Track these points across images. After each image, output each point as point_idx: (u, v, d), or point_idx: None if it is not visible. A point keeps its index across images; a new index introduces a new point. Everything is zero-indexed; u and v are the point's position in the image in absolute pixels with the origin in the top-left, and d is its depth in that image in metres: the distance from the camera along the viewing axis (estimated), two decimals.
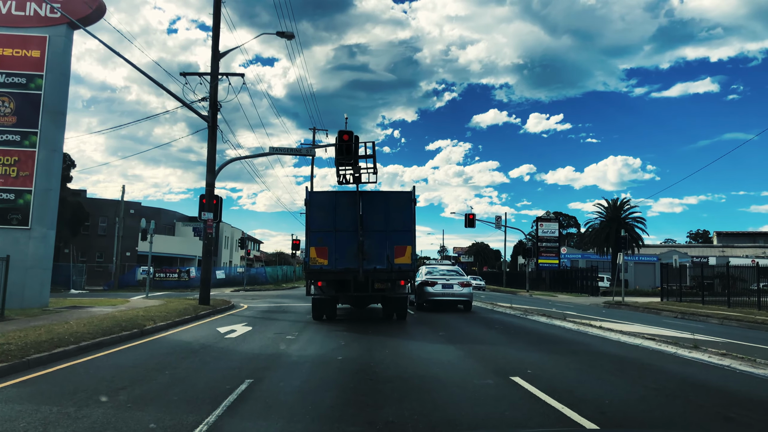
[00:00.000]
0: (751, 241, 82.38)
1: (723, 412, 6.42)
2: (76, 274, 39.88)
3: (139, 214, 46.20)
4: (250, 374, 8.06)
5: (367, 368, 8.88)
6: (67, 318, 14.21)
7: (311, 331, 14.09)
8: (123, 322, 13.25)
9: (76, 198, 44.79)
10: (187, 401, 6.50)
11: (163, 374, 8.14)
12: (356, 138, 16.33)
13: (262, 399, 6.67)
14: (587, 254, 69.58)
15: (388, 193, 17.27)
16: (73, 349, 9.81)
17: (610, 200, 58.77)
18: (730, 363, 9.88)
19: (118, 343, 11.26)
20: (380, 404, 6.49)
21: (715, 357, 10.49)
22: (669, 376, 8.77)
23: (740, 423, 6.10)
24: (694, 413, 6.46)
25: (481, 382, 7.92)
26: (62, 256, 44.98)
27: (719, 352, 10.86)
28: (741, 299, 27.42)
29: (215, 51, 21.33)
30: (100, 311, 16.47)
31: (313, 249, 15.92)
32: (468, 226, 47.82)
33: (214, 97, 21.18)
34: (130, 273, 45.70)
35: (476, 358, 10.11)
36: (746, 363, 9.84)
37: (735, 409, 6.55)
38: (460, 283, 21.92)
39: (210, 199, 20.85)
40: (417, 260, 18.87)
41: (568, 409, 6.23)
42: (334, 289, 16.48)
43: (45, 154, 18.72)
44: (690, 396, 7.23)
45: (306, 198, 16.57)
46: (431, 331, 14.58)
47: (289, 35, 22.48)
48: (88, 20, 19.16)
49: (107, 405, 6.26)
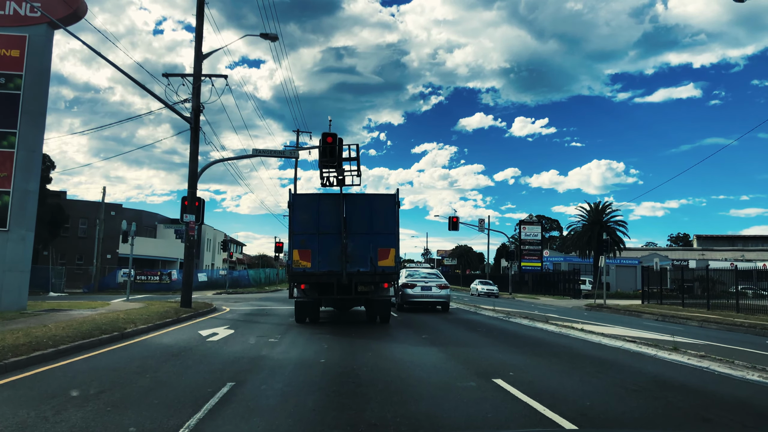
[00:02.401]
0: (730, 244, 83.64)
1: (702, 413, 6.50)
2: (55, 277, 39.34)
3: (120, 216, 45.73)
4: (231, 377, 8.00)
5: (350, 371, 8.86)
6: (45, 321, 14.00)
7: (294, 334, 14.04)
8: (103, 325, 13.09)
9: (56, 199, 44.21)
10: (168, 405, 6.44)
11: (143, 378, 8.06)
12: (340, 140, 16.29)
13: (243, 402, 6.63)
14: (569, 257, 70.16)
15: (372, 195, 17.26)
16: (52, 353, 9.68)
17: (593, 203, 59.34)
18: (709, 365, 10.01)
19: (98, 347, 11.13)
20: (363, 407, 6.48)
21: (694, 359, 10.62)
22: (649, 377, 8.86)
23: (718, 424, 6.18)
24: (673, 414, 6.53)
25: (463, 384, 7.94)
26: (41, 258, 44.36)
27: (698, 354, 11.00)
28: (720, 302, 27.80)
29: (198, 52, 21.21)
30: (80, 314, 16.25)
31: (296, 251, 15.86)
32: (452, 229, 47.91)
33: (197, 98, 21.05)
34: (111, 275, 45.18)
35: (459, 361, 10.13)
36: (725, 365, 9.98)
37: (713, 410, 6.64)
38: (438, 286, 22.99)
39: (192, 201, 20.70)
40: (400, 263, 18.91)
41: (549, 411, 6.27)
42: (317, 292, 16.42)
43: (23, 155, 18.45)
44: (669, 397, 7.31)
45: (289, 200, 16.51)
46: (414, 333, 14.60)
47: (273, 37, 22.42)
48: (68, 20, 18.93)
49: (86, 409, 6.18)
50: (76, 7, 19.11)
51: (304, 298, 16.37)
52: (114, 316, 15.12)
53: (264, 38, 22.44)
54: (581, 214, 59.54)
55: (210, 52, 21.68)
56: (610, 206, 58.77)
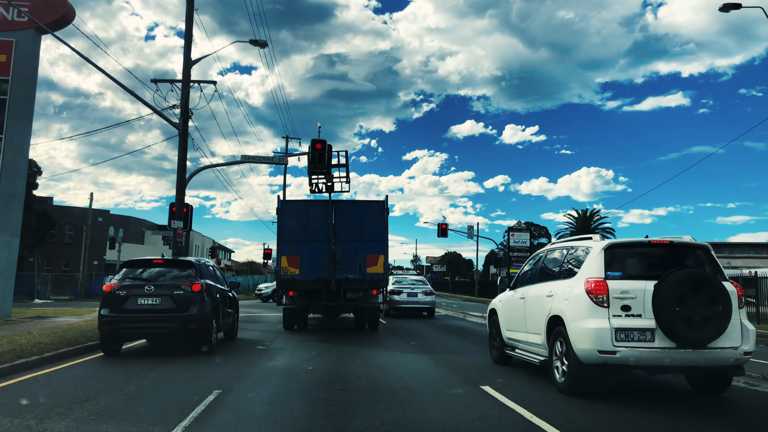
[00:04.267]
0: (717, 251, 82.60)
1: (687, 420, 6.52)
2: (40, 284, 38.90)
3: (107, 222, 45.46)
4: (218, 385, 7.94)
5: (338, 378, 8.83)
6: (30, 328, 13.85)
7: (282, 341, 13.97)
8: (89, 332, 12.95)
9: (42, 205, 43.86)
10: (154, 413, 6.38)
11: (128, 385, 7.98)
12: (329, 147, 16.29)
13: (230, 410, 6.58)
14: None
15: (361, 202, 17.29)
16: (36, 360, 9.57)
17: (581, 211, 59.75)
18: None
19: (83, 354, 11.02)
20: (350, 414, 6.45)
21: None
22: (636, 386, 8.88)
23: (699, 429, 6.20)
24: (662, 421, 6.54)
25: (451, 391, 7.93)
26: (26, 264, 43.92)
27: None
28: None
29: (187, 58, 21.12)
30: (65, 321, 16.09)
31: (284, 258, 15.81)
32: (441, 236, 47.99)
33: (186, 104, 20.96)
34: (98, 282, 44.72)
35: (447, 368, 10.12)
36: None
37: (699, 417, 6.66)
38: (424, 292, 23.81)
39: (180, 207, 20.57)
40: (389, 270, 18.91)
41: (537, 419, 6.26)
42: (306, 299, 16.36)
43: (10, 160, 18.29)
44: (655, 405, 7.33)
45: (278, 206, 16.46)
46: (403, 340, 14.58)
47: (262, 43, 22.40)
48: (56, 25, 18.83)
49: (70, 417, 6.10)
50: (63, 12, 19.02)
51: (292, 305, 16.31)
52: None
53: (253, 45, 22.41)
54: (569, 222, 60.02)
55: (199, 58, 21.62)
56: (597, 213, 59.31)
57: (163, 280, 11.33)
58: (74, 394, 7.26)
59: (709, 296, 7.02)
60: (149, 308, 10.95)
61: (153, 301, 11.01)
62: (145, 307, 10.95)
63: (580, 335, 7.24)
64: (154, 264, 11.87)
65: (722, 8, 19.82)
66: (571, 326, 7.41)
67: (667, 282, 7.01)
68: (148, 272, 11.59)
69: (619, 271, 7.44)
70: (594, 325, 7.12)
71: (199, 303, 11.14)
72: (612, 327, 7.03)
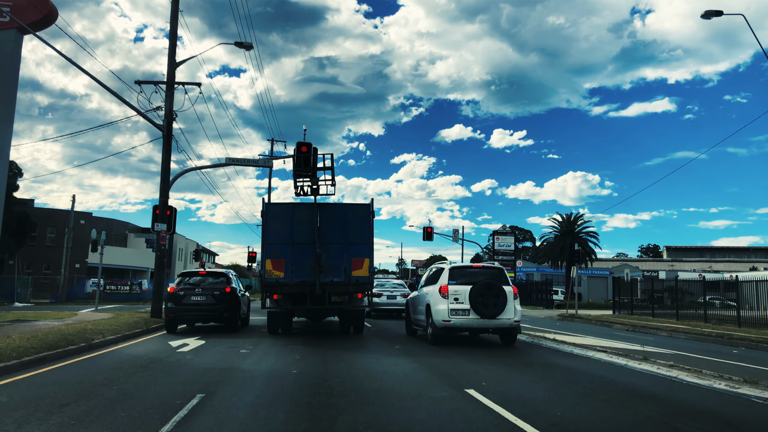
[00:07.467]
0: (699, 255, 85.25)
1: (671, 423, 6.57)
2: (21, 287, 38.37)
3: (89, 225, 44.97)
4: (201, 389, 7.87)
5: (322, 382, 8.79)
6: (8, 332, 13.63)
7: (266, 344, 13.89)
8: (69, 335, 12.78)
9: (23, 207, 43.22)
10: (135, 417, 6.31)
11: (110, 389, 7.88)
12: (315, 150, 16.23)
13: (213, 414, 6.52)
14: (542, 268, 70.81)
15: (347, 205, 17.20)
16: (15, 365, 9.43)
17: (565, 215, 60.04)
18: (677, 374, 10.15)
19: (63, 358, 10.88)
20: (334, 418, 6.42)
21: (663, 368, 10.76)
22: (619, 387, 8.95)
23: None
24: (643, 424, 6.59)
25: (435, 394, 7.93)
26: (6, 267, 43.35)
27: (668, 364, 11.14)
28: (689, 312, 28.24)
29: (172, 59, 21.02)
30: (46, 325, 15.86)
31: (269, 261, 15.72)
32: (426, 239, 47.97)
33: (170, 106, 20.84)
34: (80, 285, 44.27)
35: (431, 371, 10.12)
36: (693, 374, 10.12)
37: (682, 420, 6.71)
38: (402, 295, 24.88)
39: (164, 209, 20.44)
40: (375, 273, 18.88)
41: (521, 421, 6.28)
42: (290, 302, 16.27)
43: None
44: (639, 407, 7.39)
45: (262, 209, 16.38)
46: (388, 344, 14.56)
47: (248, 46, 22.31)
48: (38, 25, 18.51)
49: (49, 422, 6.01)
50: (46, 12, 18.70)
51: (276, 309, 16.22)
52: (81, 327, 14.78)
53: (239, 47, 22.32)
54: (554, 225, 60.25)
55: (183, 60, 21.51)
56: (582, 217, 59.58)
57: (205, 285, 17.01)
58: (54, 399, 7.15)
59: (495, 293, 13.66)
60: (198, 303, 16.55)
61: (200, 298, 16.61)
62: (195, 302, 16.54)
63: (436, 312, 13.94)
64: (199, 275, 17.71)
65: (704, 15, 20.01)
66: (433, 309, 14.08)
67: (476, 286, 13.73)
68: (194, 279, 17.38)
69: (455, 281, 14.18)
70: (442, 307, 13.86)
71: (230, 300, 16.82)
72: (449, 308, 13.79)
